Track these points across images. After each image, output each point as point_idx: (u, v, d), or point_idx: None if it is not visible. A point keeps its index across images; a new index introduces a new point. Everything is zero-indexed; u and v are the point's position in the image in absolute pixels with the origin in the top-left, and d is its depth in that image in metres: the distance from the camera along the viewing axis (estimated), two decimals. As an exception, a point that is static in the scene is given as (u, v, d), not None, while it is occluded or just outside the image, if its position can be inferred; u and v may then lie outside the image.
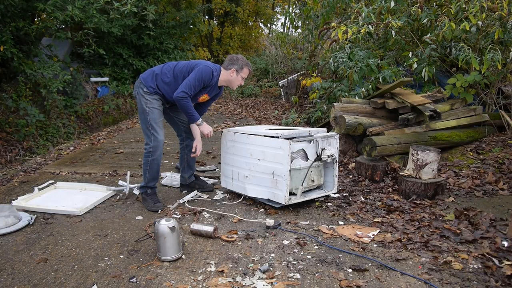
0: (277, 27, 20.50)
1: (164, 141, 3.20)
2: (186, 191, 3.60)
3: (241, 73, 3.18)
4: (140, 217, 3.04)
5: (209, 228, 2.66)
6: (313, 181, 3.18)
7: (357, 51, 5.27)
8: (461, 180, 3.71)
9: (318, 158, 3.14)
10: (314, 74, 6.67)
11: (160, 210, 3.13)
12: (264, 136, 3.11)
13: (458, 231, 2.67)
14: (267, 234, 2.72)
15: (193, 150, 3.28)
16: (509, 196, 3.37)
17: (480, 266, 2.26)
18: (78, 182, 3.86)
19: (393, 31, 4.93)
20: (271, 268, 2.27)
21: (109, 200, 3.42)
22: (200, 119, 3.21)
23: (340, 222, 2.93)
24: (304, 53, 8.72)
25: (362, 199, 3.38)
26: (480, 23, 4.43)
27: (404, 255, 2.40)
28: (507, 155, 4.05)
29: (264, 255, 2.43)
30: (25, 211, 3.10)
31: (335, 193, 3.42)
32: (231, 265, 2.30)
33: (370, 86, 5.01)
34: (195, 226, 2.71)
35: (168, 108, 3.33)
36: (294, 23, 8.31)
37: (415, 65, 4.78)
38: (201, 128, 3.23)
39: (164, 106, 3.25)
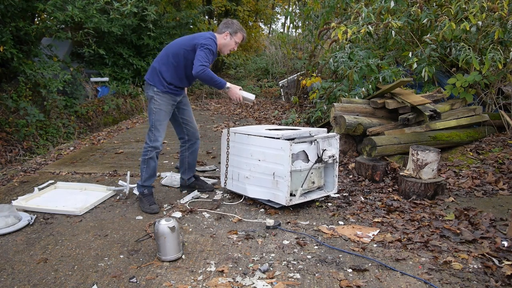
0: (277, 27, 20.51)
1: (162, 143, 3.19)
2: (186, 191, 3.61)
3: (235, 37, 3.14)
4: (140, 217, 3.04)
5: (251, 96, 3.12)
6: (313, 182, 3.18)
7: (357, 51, 5.27)
8: (461, 180, 3.71)
9: (319, 159, 3.14)
10: (314, 74, 6.66)
11: (155, 213, 3.11)
12: (265, 137, 3.10)
13: (458, 231, 2.67)
14: (267, 234, 2.72)
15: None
16: (509, 196, 3.37)
17: (480, 266, 2.26)
18: (78, 182, 3.86)
19: (393, 31, 4.94)
20: (271, 268, 2.27)
21: (109, 200, 3.42)
22: (228, 84, 3.09)
23: (340, 222, 2.93)
24: (304, 53, 8.71)
25: (362, 199, 3.38)
26: (480, 23, 4.43)
27: (404, 255, 2.40)
28: (507, 155, 4.05)
29: (264, 255, 2.43)
30: (25, 211, 3.10)
31: (335, 193, 3.42)
32: (231, 265, 2.30)
33: (370, 86, 5.01)
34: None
35: (176, 106, 3.28)
36: (294, 23, 8.31)
37: (415, 65, 4.78)
38: (229, 93, 3.14)
39: (174, 103, 3.20)
